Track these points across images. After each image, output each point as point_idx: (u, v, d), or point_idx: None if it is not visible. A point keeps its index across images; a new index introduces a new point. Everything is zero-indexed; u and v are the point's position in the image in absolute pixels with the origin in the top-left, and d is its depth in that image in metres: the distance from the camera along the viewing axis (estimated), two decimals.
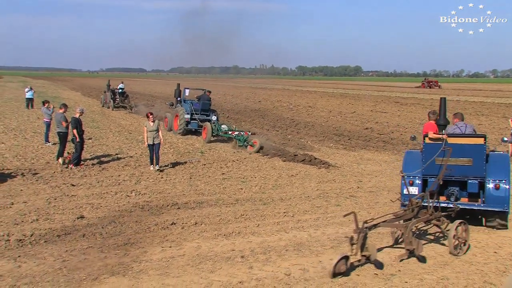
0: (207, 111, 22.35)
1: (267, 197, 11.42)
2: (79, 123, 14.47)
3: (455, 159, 8.81)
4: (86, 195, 11.20)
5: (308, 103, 45.44)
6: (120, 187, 12.09)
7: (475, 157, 8.93)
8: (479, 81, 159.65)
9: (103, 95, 38.83)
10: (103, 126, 24.97)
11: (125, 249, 7.78)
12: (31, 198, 10.78)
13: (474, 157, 8.92)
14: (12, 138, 19.72)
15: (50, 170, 13.73)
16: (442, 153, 8.77)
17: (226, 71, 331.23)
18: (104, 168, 14.29)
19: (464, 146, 8.93)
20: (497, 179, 8.98)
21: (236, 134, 19.35)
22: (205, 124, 20.74)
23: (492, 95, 59.35)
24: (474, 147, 8.96)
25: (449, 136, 9.09)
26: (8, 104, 37.57)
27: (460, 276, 6.92)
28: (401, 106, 41.75)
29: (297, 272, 6.90)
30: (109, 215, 9.65)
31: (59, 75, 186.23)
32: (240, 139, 18.97)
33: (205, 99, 22.54)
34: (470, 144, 9.00)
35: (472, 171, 8.97)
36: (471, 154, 8.93)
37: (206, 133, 20.28)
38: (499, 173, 9.07)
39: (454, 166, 8.84)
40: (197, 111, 22.19)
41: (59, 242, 8.08)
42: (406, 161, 9.88)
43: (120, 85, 37.20)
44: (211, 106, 23.11)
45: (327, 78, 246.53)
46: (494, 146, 14.06)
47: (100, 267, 6.97)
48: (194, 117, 22.12)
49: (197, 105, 22.35)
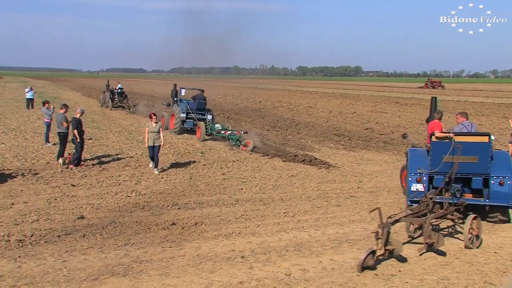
0: (203, 111, 22.79)
1: (268, 198, 11.42)
2: (80, 123, 14.48)
3: (462, 157, 9.12)
4: (87, 195, 11.21)
5: (308, 103, 45.44)
6: (121, 187, 12.09)
7: (481, 155, 9.24)
8: (480, 81, 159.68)
9: (102, 95, 39.17)
10: (104, 127, 24.97)
11: (126, 249, 7.79)
12: (32, 198, 10.78)
13: (480, 154, 9.24)
14: (12, 138, 19.73)
15: (51, 170, 13.73)
16: (451, 151, 9.10)
17: (227, 71, 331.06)
18: (105, 168, 14.29)
19: (470, 144, 9.22)
20: (500, 175, 9.29)
21: (229, 134, 19.80)
22: (200, 123, 21.20)
23: (492, 95, 59.34)
24: (480, 145, 9.27)
25: (456, 135, 9.41)
26: (9, 104, 37.59)
27: (461, 276, 6.92)
28: (401, 107, 41.74)
29: (297, 273, 6.90)
30: (109, 216, 9.65)
31: (60, 76, 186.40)
32: (232, 138, 19.43)
33: (201, 98, 23.05)
34: (476, 142, 9.32)
35: (478, 168, 9.28)
36: (477, 152, 9.24)
37: (201, 132, 20.73)
38: (502, 170, 9.38)
39: (460, 163, 9.12)
40: (193, 110, 22.62)
41: (59, 243, 8.08)
42: (412, 159, 10.06)
43: (119, 85, 37.73)
44: (207, 105, 23.55)
45: (327, 78, 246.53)
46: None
47: (100, 268, 6.97)
48: (189, 116, 22.56)
49: (193, 105, 22.81)
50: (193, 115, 22.44)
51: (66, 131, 14.99)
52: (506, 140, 19.92)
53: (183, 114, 22.47)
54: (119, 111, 34.44)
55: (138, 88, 78.59)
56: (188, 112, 22.54)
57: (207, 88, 25.42)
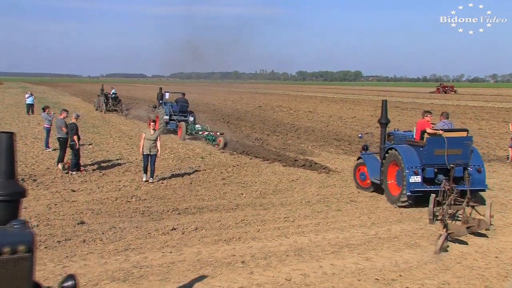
0: (185, 112, 24.55)
1: (268, 202, 11.41)
2: (77, 128, 14.52)
3: (449, 150, 10.63)
4: (87, 200, 11.20)
5: (308, 108, 45.48)
6: (121, 192, 12.08)
7: (464, 147, 10.80)
8: (479, 86, 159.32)
9: (96, 99, 41.05)
10: (104, 132, 25.00)
11: (126, 254, 7.77)
12: (31, 203, 10.76)
13: (463, 147, 10.79)
14: None
15: (51, 175, 13.73)
16: (441, 145, 10.61)
17: (226, 76, 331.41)
18: (105, 173, 14.28)
19: (455, 139, 10.81)
20: (477, 164, 10.95)
21: (206, 134, 21.73)
22: (181, 124, 23.04)
23: (492, 100, 59.35)
24: (464, 139, 10.91)
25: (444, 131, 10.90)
26: (9, 110, 37.63)
27: (461, 281, 6.90)
28: (401, 111, 41.76)
29: (297, 277, 6.88)
30: (109, 221, 9.64)
31: (60, 81, 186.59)
32: (209, 139, 21.28)
33: (182, 101, 25.06)
34: (460, 136, 10.97)
35: (460, 159, 10.70)
36: (461, 145, 10.79)
37: (182, 132, 22.57)
38: (477, 160, 11.08)
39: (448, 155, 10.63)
40: (176, 112, 24.44)
41: (59, 248, 8.07)
42: (405, 155, 10.94)
43: (113, 90, 39.37)
44: (189, 107, 25.49)
45: (327, 83, 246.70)
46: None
47: (100, 273, 6.96)
48: (173, 118, 24.26)
49: (176, 107, 24.68)
50: (176, 117, 24.15)
51: (66, 136, 14.99)
52: (506, 145, 19.94)
53: (167, 116, 24.18)
54: (119, 116, 34.52)
55: (137, 93, 78.67)
56: (171, 114, 24.27)
57: (207, 93, 25.77)
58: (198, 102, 52.89)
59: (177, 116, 24.18)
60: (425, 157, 10.70)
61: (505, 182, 14.29)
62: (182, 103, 24.89)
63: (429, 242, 8.64)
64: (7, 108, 39.08)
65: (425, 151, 10.70)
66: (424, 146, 10.76)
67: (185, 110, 24.60)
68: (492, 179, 14.79)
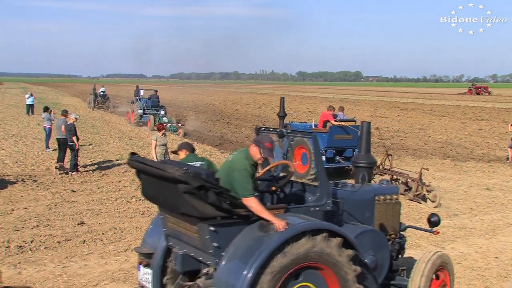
0: (157, 107, 28.46)
1: None
2: (75, 129, 14.53)
3: (344, 135, 13.85)
4: (87, 201, 11.20)
5: (308, 109, 45.46)
6: (121, 193, 12.08)
7: (353, 134, 13.65)
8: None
9: (89, 98, 43.69)
10: (104, 132, 25.00)
11: (126, 255, 7.78)
12: (32, 204, 10.78)
13: (353, 133, 13.65)
14: (12, 144, 19.75)
15: (51, 176, 13.73)
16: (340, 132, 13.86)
17: (226, 76, 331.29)
18: (105, 174, 14.28)
19: (348, 128, 13.91)
20: None
21: (169, 125, 24.86)
22: (150, 116, 26.60)
23: (492, 100, 59.30)
24: (354, 127, 13.75)
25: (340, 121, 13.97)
26: (9, 110, 37.66)
27: (462, 281, 6.89)
28: (401, 111, 41.75)
29: None
30: (109, 221, 9.64)
31: (60, 81, 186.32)
32: (171, 129, 24.63)
33: (155, 97, 29.07)
34: (351, 126, 13.94)
35: (351, 142, 13.87)
36: (352, 132, 13.78)
37: (150, 123, 25.81)
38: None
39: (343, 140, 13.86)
40: (148, 107, 28.25)
41: (59, 248, 8.07)
42: None
43: (101, 88, 42.45)
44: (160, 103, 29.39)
45: (327, 83, 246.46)
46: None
47: (100, 273, 6.96)
48: (146, 112, 27.85)
49: (149, 103, 28.56)
50: (148, 111, 27.73)
51: (65, 137, 14.98)
52: (506, 145, 19.94)
53: (140, 110, 28.12)
54: (119, 116, 34.51)
55: None
56: (145, 109, 28.04)
57: (207, 94, 25.80)
58: (198, 102, 52.94)
59: (149, 110, 27.90)
60: (327, 141, 13.52)
61: (505, 183, 14.29)
62: (154, 99, 28.91)
63: (429, 242, 8.65)
64: (7, 109, 39.10)
65: (327, 137, 13.58)
66: (326, 133, 13.63)
67: (157, 105, 28.57)
68: (492, 179, 14.81)
